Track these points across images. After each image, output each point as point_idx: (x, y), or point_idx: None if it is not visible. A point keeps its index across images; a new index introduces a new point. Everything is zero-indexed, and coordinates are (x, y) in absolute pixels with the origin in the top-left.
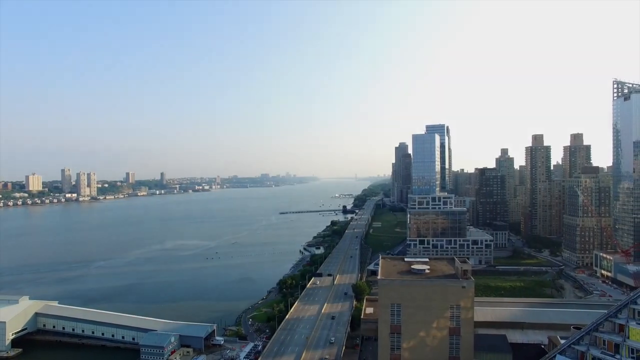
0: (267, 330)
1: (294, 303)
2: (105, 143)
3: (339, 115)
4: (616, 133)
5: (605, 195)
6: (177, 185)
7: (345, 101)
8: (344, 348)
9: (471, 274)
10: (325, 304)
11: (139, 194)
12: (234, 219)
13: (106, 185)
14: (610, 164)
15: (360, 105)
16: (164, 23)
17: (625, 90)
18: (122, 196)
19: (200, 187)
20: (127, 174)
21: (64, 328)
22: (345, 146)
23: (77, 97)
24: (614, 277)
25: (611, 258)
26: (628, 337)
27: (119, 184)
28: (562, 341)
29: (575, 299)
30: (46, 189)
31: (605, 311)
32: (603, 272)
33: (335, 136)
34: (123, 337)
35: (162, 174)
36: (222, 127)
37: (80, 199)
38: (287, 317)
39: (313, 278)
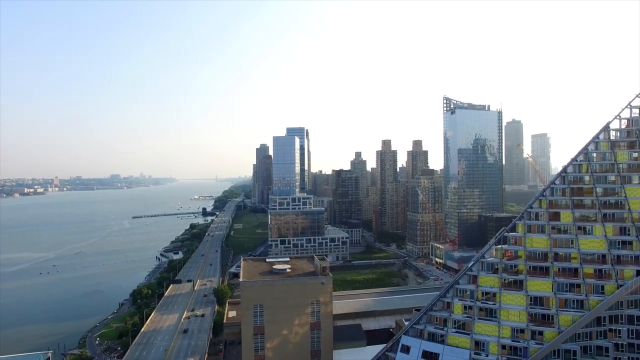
0: (119, 348)
1: (150, 314)
2: None
3: (198, 114)
4: (446, 141)
5: (438, 194)
6: None
7: (205, 100)
8: (206, 355)
9: (329, 270)
10: (185, 312)
11: None
12: (78, 225)
13: None
14: (443, 167)
15: (221, 105)
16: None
17: (452, 106)
18: None
19: (32, 190)
20: None
21: None
22: (205, 146)
23: None
24: (445, 263)
25: (442, 247)
26: (453, 312)
27: None
28: (406, 323)
29: (417, 285)
30: None
31: (438, 293)
32: (437, 259)
33: (194, 135)
34: None
35: None
36: (60, 120)
37: None
38: (142, 330)
39: (172, 285)
